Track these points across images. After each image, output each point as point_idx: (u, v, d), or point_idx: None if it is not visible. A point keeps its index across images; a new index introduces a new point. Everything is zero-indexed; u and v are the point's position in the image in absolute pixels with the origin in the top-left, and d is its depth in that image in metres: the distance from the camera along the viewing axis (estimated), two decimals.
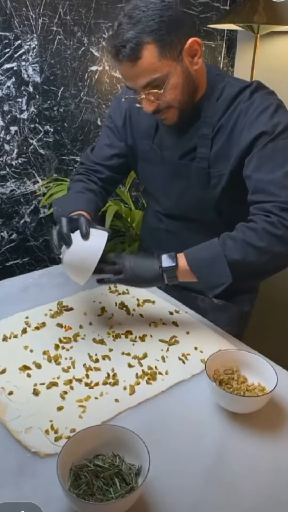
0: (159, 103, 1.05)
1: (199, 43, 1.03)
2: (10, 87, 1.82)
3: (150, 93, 1.03)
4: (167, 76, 1.01)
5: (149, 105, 1.06)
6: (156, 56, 0.98)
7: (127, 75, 1.03)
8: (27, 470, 0.76)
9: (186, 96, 1.07)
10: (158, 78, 1.00)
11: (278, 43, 2.10)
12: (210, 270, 0.99)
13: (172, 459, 0.78)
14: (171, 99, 1.05)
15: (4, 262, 2.05)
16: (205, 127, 1.11)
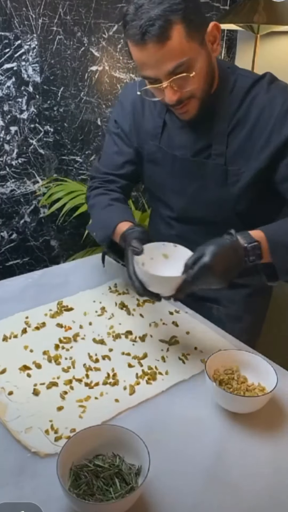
0: (182, 92, 0.98)
1: (218, 29, 0.98)
2: (10, 87, 1.82)
3: (175, 80, 0.94)
4: (195, 59, 0.94)
5: (173, 94, 0.97)
6: (184, 37, 0.91)
7: (152, 60, 0.93)
8: (27, 470, 0.76)
9: (207, 85, 1.01)
10: (186, 62, 0.93)
11: (278, 43, 2.10)
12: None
13: (172, 459, 0.78)
14: (196, 87, 0.98)
15: (4, 262, 2.05)
16: (220, 122, 1.06)
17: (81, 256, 2.03)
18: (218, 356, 0.93)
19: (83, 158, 2.11)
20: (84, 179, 2.15)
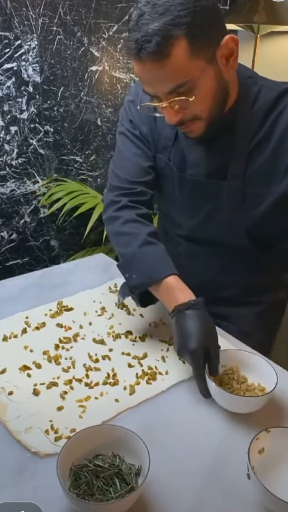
0: (184, 113, 0.87)
1: (236, 42, 0.84)
2: (10, 87, 1.82)
3: (175, 101, 0.84)
4: (198, 80, 0.82)
5: (174, 116, 0.87)
6: (187, 55, 0.79)
7: (149, 78, 0.84)
8: (27, 470, 0.76)
9: (216, 106, 0.89)
10: (187, 83, 0.82)
11: (278, 43, 2.10)
12: None
13: (172, 459, 0.78)
14: (200, 109, 0.87)
15: (4, 262, 2.05)
16: (240, 140, 0.94)
17: (81, 256, 2.03)
18: None
19: (83, 158, 2.11)
20: (84, 179, 2.15)
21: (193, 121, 0.90)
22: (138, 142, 1.07)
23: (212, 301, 1.00)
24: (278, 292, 1.21)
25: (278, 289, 1.20)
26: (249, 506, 0.71)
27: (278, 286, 1.20)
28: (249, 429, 0.83)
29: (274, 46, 2.12)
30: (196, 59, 0.81)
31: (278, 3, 1.77)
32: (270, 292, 1.17)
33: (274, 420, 0.85)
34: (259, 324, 1.18)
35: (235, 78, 0.93)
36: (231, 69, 0.87)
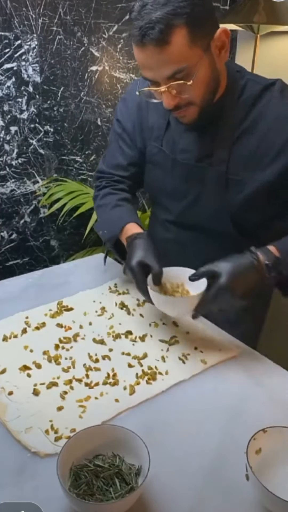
0: (181, 98, 0.94)
1: (228, 35, 0.92)
2: (10, 87, 1.82)
3: (173, 85, 0.91)
4: (195, 67, 0.90)
5: (171, 100, 0.94)
6: (186, 42, 0.86)
7: (150, 63, 0.90)
8: (27, 470, 0.76)
9: (209, 93, 0.97)
10: (185, 69, 0.89)
11: (278, 43, 2.10)
12: None
13: (172, 459, 0.78)
14: (195, 94, 0.94)
15: (4, 262, 2.05)
16: (225, 129, 1.02)
17: (81, 256, 2.03)
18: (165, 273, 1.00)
19: (83, 158, 2.11)
20: (84, 179, 2.15)
21: (188, 106, 0.97)
22: (121, 142, 1.20)
23: None
24: None
25: None
26: (249, 506, 0.71)
27: None
28: (249, 429, 0.83)
29: (274, 46, 2.12)
30: (194, 47, 0.88)
31: (278, 3, 1.77)
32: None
33: (275, 420, 0.85)
34: (245, 313, 1.21)
35: (225, 70, 1.01)
36: (222, 60, 0.96)
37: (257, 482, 0.66)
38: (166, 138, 1.12)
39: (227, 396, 0.92)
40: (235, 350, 1.04)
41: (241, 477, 0.72)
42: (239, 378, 0.97)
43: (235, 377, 0.97)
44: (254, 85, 1.01)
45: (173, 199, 1.15)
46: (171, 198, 1.16)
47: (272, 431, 0.75)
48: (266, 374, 0.98)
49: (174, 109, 0.97)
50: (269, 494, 0.65)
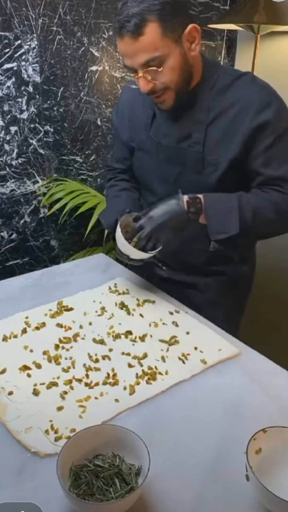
0: (155, 83, 1.07)
1: (197, 30, 1.06)
2: (10, 87, 1.82)
3: (148, 71, 1.05)
4: (166, 56, 1.03)
5: (146, 84, 1.07)
6: (158, 35, 1.00)
7: (128, 52, 1.04)
8: (27, 470, 0.76)
9: (182, 80, 1.09)
10: (158, 57, 1.03)
11: (278, 43, 2.10)
12: (222, 217, 1.09)
13: (172, 459, 0.78)
14: (168, 80, 1.07)
15: (4, 262, 2.05)
16: (200, 113, 1.14)
17: (81, 256, 2.03)
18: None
19: (83, 158, 2.11)
20: (84, 179, 2.15)
21: (164, 91, 1.09)
22: (117, 139, 1.37)
23: (183, 269, 1.32)
24: (242, 265, 1.35)
25: (242, 262, 1.34)
26: (249, 506, 0.71)
27: (243, 259, 1.34)
28: (249, 429, 0.83)
29: (274, 46, 2.12)
30: (165, 39, 1.02)
31: (278, 3, 1.77)
32: (234, 264, 1.31)
33: (275, 420, 0.85)
34: (224, 293, 1.34)
35: (200, 63, 1.13)
36: (193, 51, 1.08)
37: (257, 482, 0.66)
38: (154, 126, 1.24)
39: (227, 396, 0.92)
40: (235, 350, 1.04)
41: (241, 477, 0.72)
42: (239, 378, 0.97)
43: (235, 377, 0.97)
44: (226, 76, 1.14)
45: (158, 181, 1.26)
46: (157, 181, 1.27)
47: (272, 431, 0.75)
48: (266, 374, 0.98)
49: (151, 93, 1.09)
50: (269, 494, 0.65)
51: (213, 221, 1.10)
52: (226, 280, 1.33)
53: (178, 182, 1.20)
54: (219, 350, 1.03)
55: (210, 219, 1.10)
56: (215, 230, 1.10)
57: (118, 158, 1.39)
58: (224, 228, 1.09)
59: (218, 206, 1.10)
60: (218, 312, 1.28)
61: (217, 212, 1.10)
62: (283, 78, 2.07)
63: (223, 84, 1.13)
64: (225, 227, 1.09)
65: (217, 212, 1.10)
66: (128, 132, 1.30)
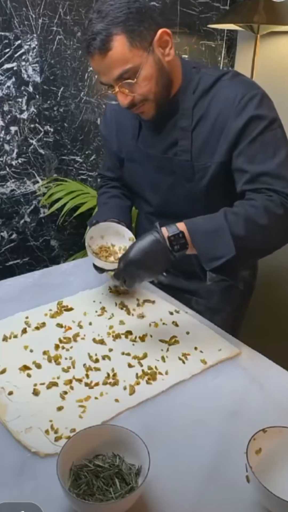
0: (133, 96, 1.04)
1: (169, 34, 1.03)
2: (10, 87, 1.82)
3: (123, 84, 1.02)
4: (139, 66, 1.00)
5: (124, 98, 1.04)
6: (126, 46, 0.98)
7: (100, 69, 1.02)
8: (27, 470, 0.76)
9: (160, 88, 1.06)
10: (130, 69, 1.00)
11: (278, 43, 2.10)
12: (213, 242, 0.95)
13: (172, 459, 0.78)
14: (145, 91, 1.04)
15: (4, 262, 2.05)
16: (183, 119, 1.10)
17: (81, 256, 2.03)
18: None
19: (83, 158, 2.11)
20: (84, 179, 2.15)
21: (143, 102, 1.06)
22: (107, 152, 1.37)
23: (183, 275, 1.28)
24: (244, 271, 1.31)
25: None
26: (249, 506, 0.71)
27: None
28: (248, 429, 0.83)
29: (274, 46, 2.12)
30: (134, 49, 0.99)
31: (278, 3, 1.77)
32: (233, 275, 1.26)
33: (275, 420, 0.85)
34: (226, 300, 1.31)
35: (179, 68, 1.10)
36: (167, 57, 1.04)
37: (257, 482, 0.66)
38: (141, 136, 1.21)
39: (227, 396, 0.92)
40: (235, 350, 1.04)
41: (241, 477, 0.72)
42: (239, 378, 0.97)
43: (235, 377, 0.97)
44: (207, 78, 1.09)
45: (151, 191, 1.24)
46: (149, 191, 1.24)
47: (272, 431, 0.75)
48: (266, 374, 0.98)
49: (130, 106, 1.06)
50: (269, 494, 0.65)
51: (203, 250, 0.96)
52: (227, 286, 1.29)
53: (170, 190, 1.18)
54: (219, 350, 1.03)
55: (200, 248, 0.96)
56: (208, 258, 0.95)
57: (109, 167, 1.38)
58: (217, 253, 0.95)
59: (204, 232, 0.97)
60: (219, 317, 1.26)
61: (205, 239, 0.96)
62: (283, 78, 2.07)
63: (204, 87, 1.09)
64: (219, 251, 0.95)
65: (205, 239, 0.96)
66: (117, 143, 1.28)
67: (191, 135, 1.10)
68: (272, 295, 2.17)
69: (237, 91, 1.05)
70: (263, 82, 1.12)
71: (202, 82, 1.09)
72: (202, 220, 0.99)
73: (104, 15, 0.97)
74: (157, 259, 0.96)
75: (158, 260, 0.96)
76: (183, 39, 2.13)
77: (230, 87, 1.06)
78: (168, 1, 2.03)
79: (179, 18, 2.09)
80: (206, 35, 2.19)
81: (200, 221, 0.99)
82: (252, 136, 1.03)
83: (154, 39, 1.01)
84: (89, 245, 1.16)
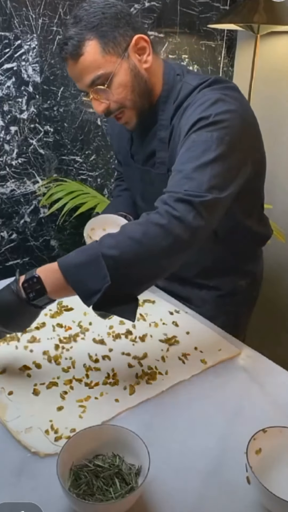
0: (108, 104, 1.01)
1: (146, 40, 0.99)
2: (10, 87, 1.82)
3: (96, 91, 0.99)
4: (111, 72, 0.97)
5: (98, 105, 1.02)
6: (99, 52, 0.96)
7: (73, 74, 1.00)
8: (27, 470, 0.76)
9: (137, 97, 1.02)
10: (103, 75, 0.97)
11: (278, 43, 2.10)
12: (86, 274, 0.81)
13: (172, 459, 0.78)
14: (120, 98, 1.01)
15: (4, 262, 2.05)
16: (162, 130, 1.07)
17: None
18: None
19: (83, 158, 2.11)
20: (84, 179, 2.15)
21: (121, 110, 1.03)
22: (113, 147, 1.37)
23: (176, 280, 1.25)
24: (238, 280, 1.26)
25: (238, 277, 1.26)
26: (249, 506, 0.71)
27: (238, 274, 1.26)
28: (249, 429, 0.83)
29: (274, 46, 2.12)
30: (107, 55, 0.96)
31: (278, 3, 1.77)
32: (228, 279, 1.24)
33: (275, 420, 0.85)
34: (221, 309, 1.25)
35: (159, 75, 1.05)
36: (145, 64, 1.00)
37: (258, 482, 0.66)
38: (134, 143, 1.18)
39: (227, 396, 0.92)
40: (235, 350, 1.04)
41: (241, 477, 0.72)
42: (239, 378, 0.97)
43: (235, 377, 0.97)
44: (187, 87, 1.02)
45: (140, 198, 1.24)
46: (139, 197, 1.24)
47: (272, 431, 0.75)
48: (266, 374, 0.98)
49: (107, 114, 1.04)
50: (269, 494, 0.65)
51: (77, 285, 0.82)
52: (221, 295, 1.26)
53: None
54: (219, 350, 1.03)
55: (74, 285, 0.82)
56: (85, 295, 0.82)
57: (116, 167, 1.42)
58: (93, 287, 0.81)
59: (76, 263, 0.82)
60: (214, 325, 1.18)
61: (77, 271, 0.82)
62: (283, 78, 2.07)
63: (182, 97, 1.02)
64: (95, 284, 0.80)
65: (77, 271, 0.82)
66: (117, 145, 1.28)
67: (168, 147, 1.06)
68: (272, 295, 2.17)
69: (196, 99, 0.98)
70: (263, 82, 1.12)
71: (182, 91, 1.03)
72: (75, 253, 0.85)
73: (79, 20, 0.95)
74: (12, 312, 0.84)
75: (14, 313, 0.84)
76: (183, 39, 2.13)
77: (202, 97, 0.97)
78: (168, 1, 2.03)
79: (179, 18, 2.09)
80: (206, 35, 2.19)
81: (73, 254, 0.85)
82: (189, 133, 0.93)
83: (129, 45, 0.98)
84: (89, 236, 1.15)
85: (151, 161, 1.12)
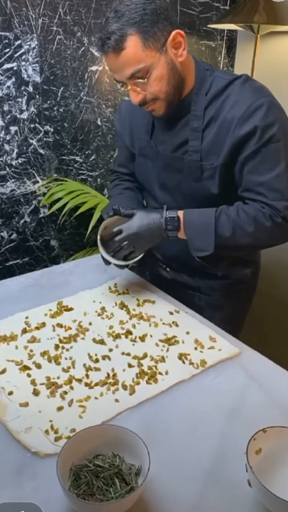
0: (145, 94, 1.07)
1: (182, 35, 1.05)
2: (10, 87, 1.82)
3: (135, 83, 1.05)
4: (151, 66, 1.03)
5: (135, 96, 1.08)
6: (140, 47, 1.01)
7: (113, 67, 1.06)
8: (27, 470, 0.76)
9: (172, 88, 1.08)
10: (142, 69, 1.03)
11: (278, 43, 2.10)
12: (199, 236, 1.10)
13: (172, 459, 0.78)
14: (156, 90, 1.07)
15: (4, 262, 2.05)
16: (195, 120, 1.13)
17: (81, 256, 2.03)
18: None
19: (83, 158, 2.11)
20: (84, 179, 2.15)
21: (154, 101, 1.10)
22: (120, 148, 1.41)
23: (186, 271, 1.33)
24: (244, 268, 1.35)
25: (244, 265, 1.35)
26: (249, 506, 0.71)
27: (245, 263, 1.34)
28: (249, 429, 0.83)
29: (274, 46, 2.12)
30: (147, 50, 1.02)
31: (278, 3, 1.77)
32: (236, 268, 1.32)
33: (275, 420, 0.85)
34: (228, 297, 1.34)
35: (192, 68, 1.12)
36: (180, 57, 1.07)
37: (258, 482, 0.66)
38: (154, 132, 1.24)
39: (226, 396, 0.92)
40: (235, 350, 1.04)
41: (241, 477, 0.72)
42: (239, 378, 0.97)
43: (235, 377, 0.97)
44: (221, 81, 1.12)
45: (158, 188, 1.27)
46: (157, 187, 1.27)
47: (272, 431, 0.75)
48: (266, 374, 0.98)
49: (141, 104, 1.10)
50: (269, 494, 0.65)
51: (191, 239, 1.11)
52: (229, 283, 1.33)
53: (177, 189, 1.21)
54: (219, 350, 1.03)
55: (189, 237, 1.11)
56: (194, 248, 1.11)
57: (121, 163, 1.41)
58: (201, 246, 1.10)
59: (196, 224, 1.10)
60: (221, 314, 1.29)
61: (195, 230, 1.10)
62: (283, 78, 2.07)
63: (217, 89, 1.11)
64: (203, 245, 1.09)
65: (195, 230, 1.10)
66: (130, 138, 1.31)
67: (202, 136, 1.13)
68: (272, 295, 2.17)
69: (246, 98, 1.07)
70: (263, 82, 1.12)
71: (215, 84, 1.11)
72: (197, 213, 1.11)
73: (120, 15, 1.00)
74: (153, 231, 1.12)
75: (154, 231, 1.12)
76: None
77: (240, 93, 1.08)
78: (168, 1, 2.03)
79: (179, 18, 2.09)
80: (206, 35, 2.19)
81: (195, 213, 1.11)
82: (256, 146, 1.06)
83: (167, 40, 1.03)
84: (101, 235, 1.17)
85: (182, 149, 1.17)
